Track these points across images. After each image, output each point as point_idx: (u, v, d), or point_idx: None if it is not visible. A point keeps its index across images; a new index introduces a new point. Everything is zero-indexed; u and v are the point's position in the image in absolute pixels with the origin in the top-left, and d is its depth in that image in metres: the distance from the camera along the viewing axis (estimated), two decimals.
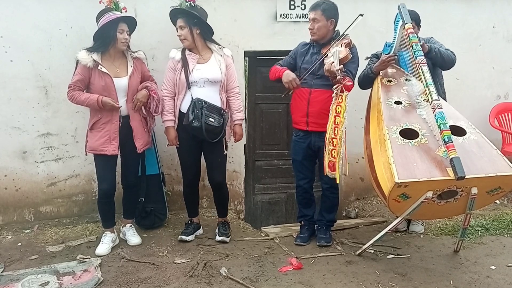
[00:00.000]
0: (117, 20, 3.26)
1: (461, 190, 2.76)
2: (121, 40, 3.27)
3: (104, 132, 3.30)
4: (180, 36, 3.39)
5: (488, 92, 4.83)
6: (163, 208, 3.92)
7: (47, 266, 3.16)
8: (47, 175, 3.94)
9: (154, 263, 3.22)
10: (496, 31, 4.74)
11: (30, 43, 3.75)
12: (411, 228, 3.76)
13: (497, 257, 3.33)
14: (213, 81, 3.41)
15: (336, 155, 3.18)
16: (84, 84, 3.29)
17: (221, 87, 3.45)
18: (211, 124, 3.33)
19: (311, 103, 3.38)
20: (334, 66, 3.09)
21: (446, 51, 3.38)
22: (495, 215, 4.02)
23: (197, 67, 3.40)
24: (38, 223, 3.94)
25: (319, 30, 3.36)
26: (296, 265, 3.18)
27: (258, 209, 4.53)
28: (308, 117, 3.40)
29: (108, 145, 3.31)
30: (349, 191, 4.60)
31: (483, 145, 2.84)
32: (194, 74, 3.38)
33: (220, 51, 3.48)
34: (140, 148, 3.44)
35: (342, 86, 3.15)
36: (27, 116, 3.83)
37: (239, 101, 3.56)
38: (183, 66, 3.40)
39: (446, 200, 2.85)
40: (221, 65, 3.43)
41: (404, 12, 3.27)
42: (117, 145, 3.32)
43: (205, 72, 3.39)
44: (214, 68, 3.42)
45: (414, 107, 3.11)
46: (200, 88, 3.39)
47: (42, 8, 3.73)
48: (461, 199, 2.83)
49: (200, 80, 3.38)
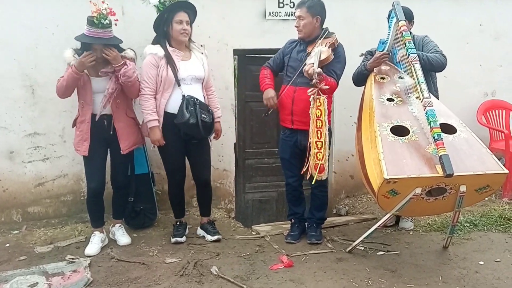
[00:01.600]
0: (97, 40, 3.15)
1: (450, 187, 2.78)
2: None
3: (79, 132, 3.32)
4: (185, 31, 3.31)
5: (476, 90, 4.87)
6: (153, 208, 3.90)
7: (36, 267, 3.13)
8: (34, 175, 3.90)
9: (144, 262, 3.20)
10: (484, 29, 4.78)
11: (17, 42, 3.70)
12: (401, 224, 3.79)
13: (485, 252, 3.36)
14: (199, 78, 3.40)
15: (322, 157, 3.19)
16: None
17: (203, 84, 3.45)
18: (205, 120, 3.31)
19: (296, 102, 3.38)
20: (311, 69, 3.10)
21: (435, 56, 3.38)
22: (484, 211, 4.06)
23: (182, 64, 3.35)
24: (26, 223, 3.89)
25: (304, 28, 3.36)
26: (287, 263, 3.18)
27: (249, 208, 4.53)
28: (293, 115, 3.41)
29: (81, 146, 3.32)
30: (339, 188, 4.62)
31: (473, 143, 2.86)
32: (181, 71, 3.33)
33: (200, 49, 3.47)
34: (125, 149, 3.38)
35: (318, 89, 3.15)
36: (14, 116, 3.78)
37: (217, 99, 3.61)
38: (168, 63, 3.29)
39: (435, 197, 2.87)
40: (204, 63, 3.42)
41: (398, 9, 3.28)
42: (88, 146, 3.29)
43: (191, 69, 3.36)
44: (198, 65, 3.40)
45: (406, 104, 3.13)
46: (187, 86, 3.35)
47: (29, 6, 3.68)
48: (449, 197, 2.86)
49: (187, 77, 3.35)
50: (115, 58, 3.19)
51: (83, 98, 3.29)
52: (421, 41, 3.52)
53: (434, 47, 3.47)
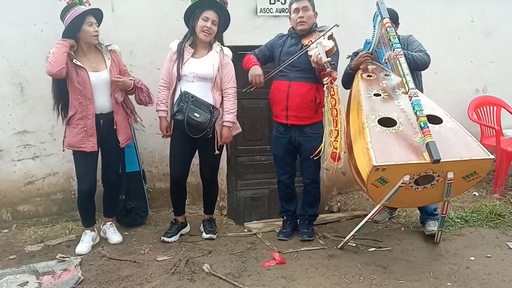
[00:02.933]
0: (84, 13, 3.17)
1: (438, 175, 2.81)
2: (92, 33, 3.19)
3: (80, 129, 3.23)
4: (209, 29, 3.30)
5: (467, 86, 4.89)
6: (144, 206, 3.88)
7: (26, 266, 3.10)
8: (24, 173, 3.86)
9: (135, 261, 3.19)
10: (475, 25, 4.80)
11: (5, 39, 3.66)
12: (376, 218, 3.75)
13: (476, 248, 3.38)
14: (203, 77, 3.33)
15: (339, 146, 3.19)
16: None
17: (214, 84, 3.36)
18: (195, 119, 3.26)
19: (291, 96, 3.37)
20: (321, 59, 3.10)
21: (419, 55, 3.38)
22: (474, 207, 4.08)
23: (189, 61, 3.34)
24: (16, 222, 3.86)
25: (309, 19, 3.36)
26: (278, 260, 3.18)
27: (241, 205, 4.53)
28: (288, 111, 3.39)
29: (86, 142, 3.24)
30: (331, 185, 4.62)
31: (459, 132, 2.91)
32: (185, 67, 3.33)
33: (217, 48, 3.40)
34: (123, 142, 3.39)
35: (331, 78, 3.16)
36: (3, 114, 3.74)
37: (231, 103, 3.42)
38: (177, 59, 3.35)
39: (424, 186, 2.90)
40: (214, 62, 3.35)
41: (382, 8, 3.32)
42: (95, 141, 3.25)
43: (195, 67, 3.33)
44: (206, 64, 3.35)
45: (392, 99, 3.17)
46: (189, 83, 3.34)
47: (17, 2, 3.64)
48: (438, 185, 2.89)
49: (190, 75, 3.33)
50: (124, 84, 3.26)
51: (83, 93, 3.19)
52: (406, 41, 3.53)
53: (418, 46, 3.49)
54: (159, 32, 3.93)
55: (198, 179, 3.78)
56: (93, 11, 3.23)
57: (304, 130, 3.43)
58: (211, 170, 3.56)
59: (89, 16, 3.19)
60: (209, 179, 3.59)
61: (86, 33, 3.19)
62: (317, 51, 3.16)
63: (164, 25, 3.94)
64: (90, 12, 3.21)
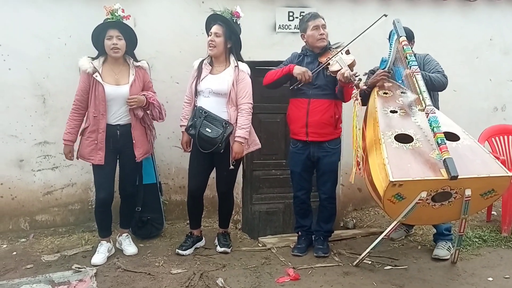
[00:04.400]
0: (104, 27, 3.27)
1: (455, 192, 2.79)
2: (109, 46, 3.26)
3: (90, 141, 3.31)
4: (213, 42, 3.37)
5: (485, 104, 4.85)
6: (159, 218, 3.90)
7: (42, 276, 3.13)
8: (43, 183, 3.93)
9: (150, 273, 3.19)
10: (493, 43, 4.78)
11: (29, 52, 3.76)
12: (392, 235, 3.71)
13: (494, 268, 3.32)
14: (218, 93, 3.38)
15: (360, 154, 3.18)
16: (86, 92, 3.29)
17: (229, 100, 3.40)
18: (206, 135, 3.30)
19: (311, 113, 3.40)
20: (347, 73, 3.16)
21: (437, 76, 3.38)
22: (493, 227, 4.01)
23: (207, 78, 3.42)
24: (33, 232, 3.91)
25: (327, 36, 3.45)
26: (293, 276, 3.16)
27: (256, 219, 4.52)
28: (308, 127, 3.42)
29: (94, 154, 3.31)
30: (346, 201, 4.60)
31: (476, 149, 2.88)
32: (201, 83, 3.41)
33: (233, 64, 3.44)
34: (139, 157, 3.43)
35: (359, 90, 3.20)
36: (25, 125, 3.83)
37: (244, 118, 3.40)
38: (197, 76, 3.45)
39: (441, 203, 2.87)
40: (229, 77, 3.40)
41: (398, 26, 3.37)
42: (103, 155, 3.30)
43: (211, 83, 3.39)
44: (222, 80, 3.40)
45: (409, 116, 3.16)
46: (205, 98, 3.40)
47: (41, 16, 3.74)
48: (455, 202, 2.85)
49: (205, 90, 3.40)
50: (139, 102, 3.32)
51: (97, 107, 3.28)
52: (422, 60, 3.51)
53: (436, 67, 3.47)
54: (179, 47, 4.01)
55: (214, 192, 3.80)
56: (115, 24, 3.29)
57: (323, 145, 3.45)
58: (226, 184, 3.58)
59: (110, 29, 3.26)
60: (224, 193, 3.61)
61: (106, 47, 3.28)
62: (340, 66, 3.22)
63: (184, 41, 4.01)
64: (110, 25, 3.28)
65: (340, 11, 4.04)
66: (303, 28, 3.50)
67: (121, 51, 3.31)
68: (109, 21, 3.30)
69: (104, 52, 3.32)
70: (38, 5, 3.72)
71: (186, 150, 3.56)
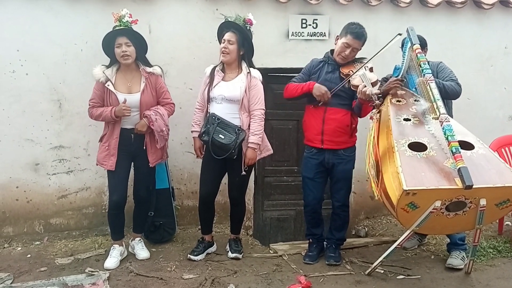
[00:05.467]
0: (112, 35, 3.31)
1: (470, 201, 2.76)
2: (119, 54, 3.30)
3: (105, 147, 3.38)
4: (226, 49, 3.40)
5: (500, 113, 4.80)
6: (172, 223, 3.92)
7: (55, 279, 3.17)
8: (58, 187, 3.97)
9: (162, 278, 3.21)
10: (508, 51, 4.74)
11: (46, 57, 3.82)
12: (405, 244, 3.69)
13: (509, 280, 3.28)
14: (230, 99, 3.41)
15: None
16: (101, 99, 3.37)
17: (241, 106, 3.42)
18: (219, 141, 3.33)
19: (326, 121, 3.41)
20: (369, 91, 3.17)
21: (451, 84, 3.36)
22: (507, 237, 3.96)
23: (219, 84, 3.45)
24: (48, 235, 3.95)
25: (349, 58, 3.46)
26: (304, 284, 3.14)
27: (267, 226, 4.52)
28: (323, 135, 3.43)
29: (107, 160, 3.37)
30: (358, 209, 4.57)
31: (491, 159, 2.85)
32: (214, 90, 3.44)
33: (245, 71, 3.46)
34: (153, 162, 3.47)
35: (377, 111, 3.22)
36: (41, 129, 3.88)
37: (257, 124, 3.43)
38: (209, 82, 3.48)
39: (455, 213, 2.84)
40: (242, 84, 3.42)
41: (412, 34, 3.35)
42: (115, 161, 3.35)
43: (223, 89, 3.42)
44: (234, 86, 3.42)
45: (422, 124, 3.14)
46: (218, 105, 3.43)
47: (58, 23, 3.80)
48: (470, 212, 2.82)
49: (218, 97, 3.42)
50: (142, 127, 3.36)
51: None
52: (435, 67, 3.49)
53: (449, 75, 3.45)
54: (193, 54, 4.04)
55: (225, 198, 3.82)
56: (122, 31, 3.31)
57: (338, 152, 3.46)
58: (238, 190, 3.59)
59: (118, 37, 3.31)
60: (236, 198, 3.62)
61: (116, 55, 3.33)
62: (365, 84, 3.22)
63: (198, 48, 4.04)
64: (118, 33, 3.32)
65: (353, 19, 4.01)
66: (341, 33, 3.46)
67: (132, 58, 3.34)
68: (117, 29, 3.34)
69: (116, 60, 3.36)
70: (55, 12, 3.78)
71: (199, 156, 3.59)
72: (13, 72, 3.77)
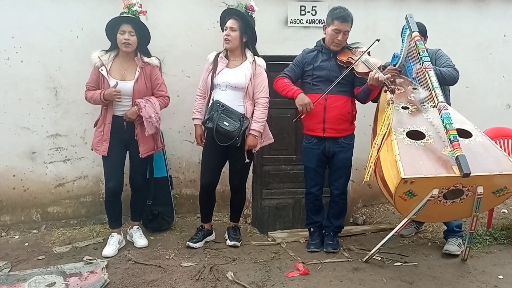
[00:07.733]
0: (118, 21, 3.30)
1: (467, 189, 2.77)
2: (121, 41, 3.29)
3: (99, 132, 3.38)
4: (228, 36, 3.38)
5: (498, 101, 4.80)
6: (170, 211, 3.92)
7: (53, 267, 3.17)
8: (55, 175, 3.96)
9: (160, 266, 3.22)
10: (507, 40, 4.72)
11: (41, 44, 3.78)
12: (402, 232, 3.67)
13: (505, 266, 3.30)
14: (235, 87, 3.39)
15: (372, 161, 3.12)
16: (97, 83, 3.37)
17: (245, 94, 3.41)
18: (224, 128, 3.31)
19: (328, 109, 3.40)
20: (382, 77, 3.17)
21: (448, 70, 3.36)
22: (503, 224, 3.98)
23: (223, 71, 3.42)
24: (45, 223, 3.95)
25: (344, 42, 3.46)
26: (302, 271, 3.16)
27: (265, 214, 4.52)
28: (325, 123, 3.42)
29: (100, 145, 3.37)
30: (356, 197, 4.59)
31: (489, 147, 2.86)
32: (218, 77, 3.41)
33: (250, 58, 3.45)
34: (144, 153, 3.43)
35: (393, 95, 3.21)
36: (37, 117, 3.85)
37: (260, 112, 3.43)
38: (212, 69, 3.44)
39: (453, 200, 2.86)
40: (247, 72, 3.40)
41: (411, 21, 3.34)
42: (107, 147, 3.34)
43: (228, 77, 3.40)
44: (239, 74, 3.40)
45: (421, 112, 3.14)
46: (222, 92, 3.41)
47: (54, 9, 3.76)
48: (467, 200, 2.84)
49: (222, 84, 3.40)
50: (132, 114, 3.33)
51: None
52: (434, 55, 3.49)
53: (447, 61, 3.45)
54: (190, 41, 4.01)
55: (224, 186, 3.82)
56: (129, 19, 3.31)
57: (339, 141, 3.46)
58: (239, 178, 3.59)
59: (124, 24, 3.29)
60: (237, 186, 3.62)
61: (118, 40, 3.31)
62: (367, 68, 3.23)
63: (196, 34, 4.01)
64: (124, 20, 3.31)
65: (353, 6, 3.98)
66: (327, 22, 3.44)
67: (132, 47, 3.33)
68: (124, 15, 3.33)
69: (116, 45, 3.34)
70: None
71: (199, 143, 3.57)
72: (8, 59, 3.73)
